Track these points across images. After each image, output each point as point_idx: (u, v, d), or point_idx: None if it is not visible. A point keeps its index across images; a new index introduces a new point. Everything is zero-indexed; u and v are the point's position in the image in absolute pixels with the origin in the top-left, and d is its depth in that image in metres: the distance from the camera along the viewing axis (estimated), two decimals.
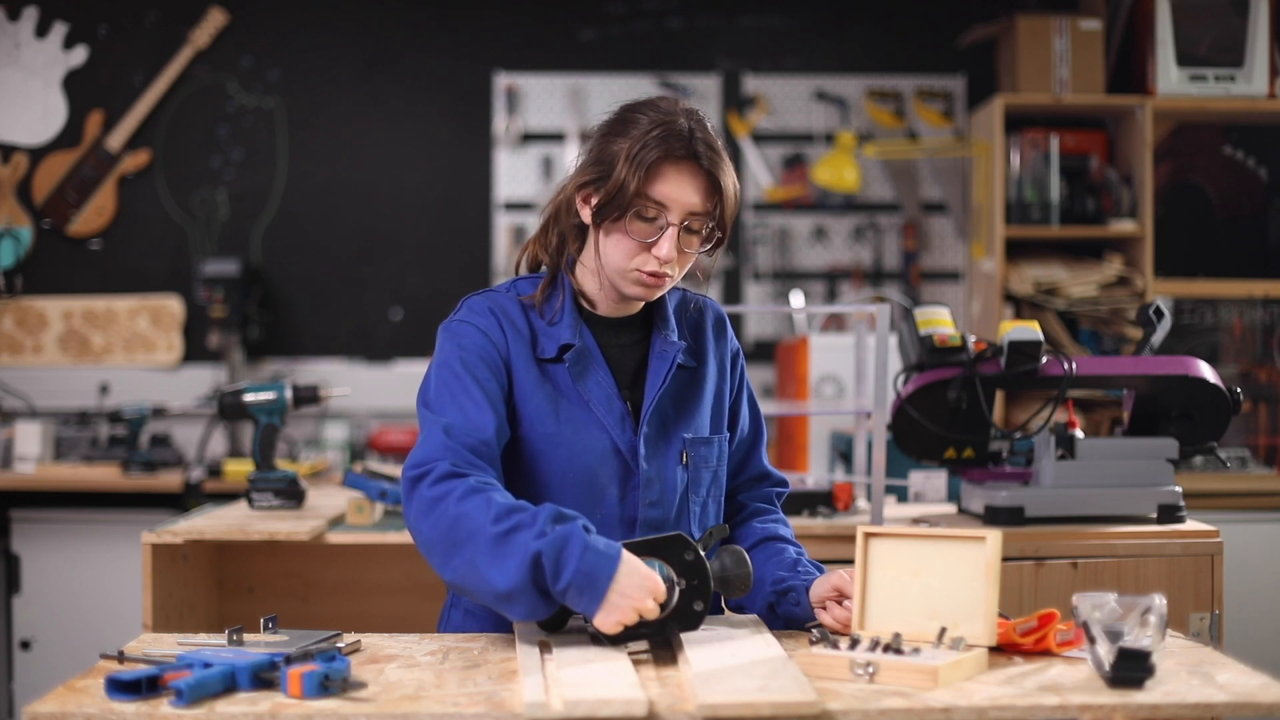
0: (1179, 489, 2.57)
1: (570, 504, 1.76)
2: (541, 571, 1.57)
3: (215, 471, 4.00)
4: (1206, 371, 2.52)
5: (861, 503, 2.83)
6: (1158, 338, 2.59)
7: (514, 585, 1.58)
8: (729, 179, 1.79)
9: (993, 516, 2.53)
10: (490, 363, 1.79)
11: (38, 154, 4.63)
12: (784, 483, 2.04)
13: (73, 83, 4.64)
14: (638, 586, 1.56)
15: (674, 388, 1.87)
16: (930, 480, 2.95)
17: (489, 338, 1.81)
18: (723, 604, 1.95)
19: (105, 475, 4.07)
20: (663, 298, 1.91)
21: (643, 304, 1.90)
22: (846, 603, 1.74)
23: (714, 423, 1.91)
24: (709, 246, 1.82)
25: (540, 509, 1.62)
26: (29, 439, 4.17)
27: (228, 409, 2.88)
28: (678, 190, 1.76)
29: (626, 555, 1.59)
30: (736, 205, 1.82)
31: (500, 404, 1.78)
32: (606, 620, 1.56)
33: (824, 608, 1.77)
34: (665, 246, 1.76)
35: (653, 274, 1.78)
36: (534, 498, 1.78)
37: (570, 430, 1.80)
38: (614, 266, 1.80)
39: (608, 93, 4.62)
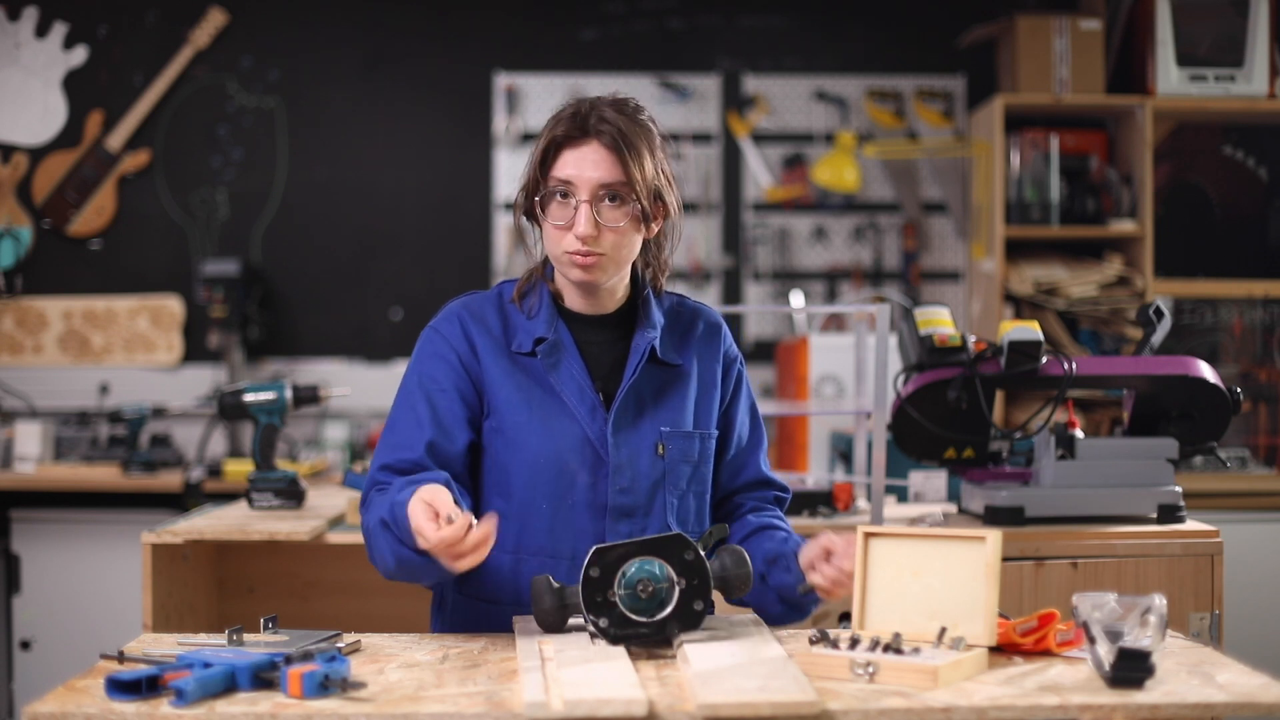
0: (1179, 489, 2.57)
1: (542, 489, 1.85)
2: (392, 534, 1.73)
3: (215, 471, 4.00)
4: (1206, 371, 2.52)
5: (861, 503, 2.83)
6: (1158, 338, 2.59)
7: (394, 563, 1.75)
8: (639, 151, 1.83)
9: (993, 516, 2.53)
10: (449, 365, 1.89)
11: (38, 154, 4.63)
12: (785, 489, 2.05)
13: (73, 83, 4.64)
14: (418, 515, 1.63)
15: (652, 382, 1.91)
16: (930, 480, 2.95)
17: (450, 343, 1.90)
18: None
19: (105, 475, 4.07)
20: (649, 297, 1.95)
21: (622, 301, 1.94)
22: (835, 559, 1.74)
23: (698, 420, 1.93)
24: (639, 217, 1.84)
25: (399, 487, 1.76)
26: (29, 439, 4.17)
27: (228, 409, 2.87)
28: (578, 167, 1.83)
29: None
30: (656, 177, 1.85)
31: (451, 414, 1.87)
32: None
33: (814, 570, 1.77)
34: (581, 223, 1.81)
35: (579, 253, 1.83)
36: (507, 484, 1.87)
37: (540, 420, 1.87)
38: (552, 255, 1.89)
39: (607, 93, 4.62)
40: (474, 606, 1.89)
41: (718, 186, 4.68)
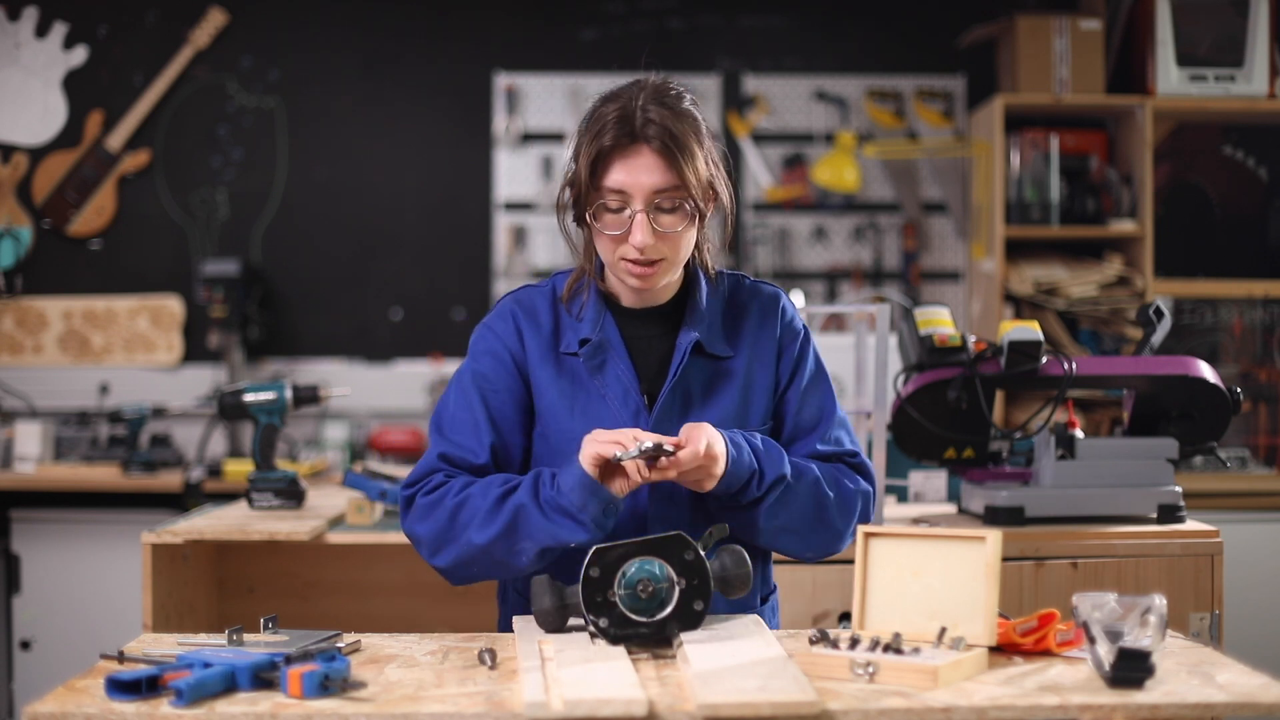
0: (1179, 489, 2.57)
1: None
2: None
3: (215, 471, 4.00)
4: (1206, 371, 2.52)
5: None
6: (1158, 338, 2.59)
7: (492, 536, 1.74)
8: (690, 149, 1.76)
9: (993, 516, 2.53)
10: (501, 364, 1.86)
11: (38, 154, 4.63)
12: (853, 453, 1.93)
13: (73, 83, 4.64)
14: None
15: (701, 377, 1.85)
16: (930, 480, 2.94)
17: (503, 341, 1.87)
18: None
19: (105, 475, 4.07)
20: (699, 285, 1.89)
21: (675, 290, 1.88)
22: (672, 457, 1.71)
23: (749, 414, 1.87)
24: (691, 219, 1.78)
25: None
26: (29, 439, 4.17)
27: (228, 409, 2.87)
28: (632, 176, 1.75)
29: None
30: (707, 171, 1.79)
31: (506, 418, 1.84)
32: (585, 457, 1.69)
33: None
34: (638, 234, 1.75)
35: (636, 261, 1.78)
36: None
37: (584, 426, 1.80)
38: (606, 260, 1.83)
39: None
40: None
41: None
